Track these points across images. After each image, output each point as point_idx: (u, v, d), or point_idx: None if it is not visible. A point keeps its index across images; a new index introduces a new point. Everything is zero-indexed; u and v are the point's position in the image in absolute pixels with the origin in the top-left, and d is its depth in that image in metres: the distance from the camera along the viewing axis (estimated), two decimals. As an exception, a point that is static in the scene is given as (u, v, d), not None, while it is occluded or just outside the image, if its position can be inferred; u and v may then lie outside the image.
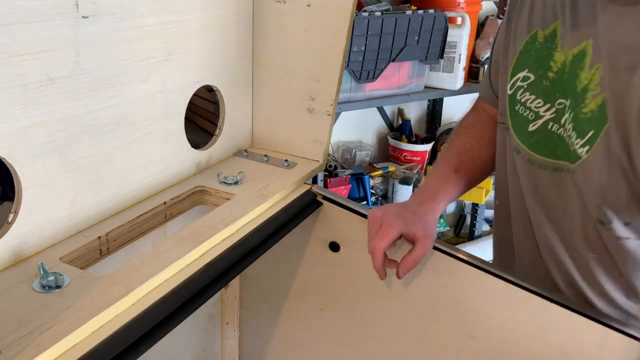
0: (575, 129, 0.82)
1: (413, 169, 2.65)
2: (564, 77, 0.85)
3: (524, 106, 0.91)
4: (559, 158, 0.86)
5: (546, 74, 0.88)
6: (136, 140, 0.85)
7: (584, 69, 0.81)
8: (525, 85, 0.90)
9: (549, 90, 0.87)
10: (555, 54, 0.86)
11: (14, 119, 0.66)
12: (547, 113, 0.88)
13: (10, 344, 0.56)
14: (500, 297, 0.89)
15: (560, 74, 0.86)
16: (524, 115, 0.91)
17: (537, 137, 0.89)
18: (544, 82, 0.88)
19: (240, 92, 1.06)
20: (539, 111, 0.89)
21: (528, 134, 0.90)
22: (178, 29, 0.87)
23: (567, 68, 0.84)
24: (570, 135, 0.83)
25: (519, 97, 0.91)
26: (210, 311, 1.21)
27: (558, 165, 0.86)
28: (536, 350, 0.87)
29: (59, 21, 0.68)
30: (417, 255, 0.89)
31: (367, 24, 2.03)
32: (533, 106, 0.89)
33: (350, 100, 2.20)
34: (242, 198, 0.91)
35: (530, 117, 0.90)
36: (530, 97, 0.90)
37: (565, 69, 0.84)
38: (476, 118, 1.09)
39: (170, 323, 0.67)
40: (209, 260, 0.76)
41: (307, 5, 0.97)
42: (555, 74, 0.87)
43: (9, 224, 0.69)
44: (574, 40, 0.83)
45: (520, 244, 0.99)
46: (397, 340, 1.03)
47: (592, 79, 0.80)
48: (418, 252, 0.89)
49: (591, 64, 0.81)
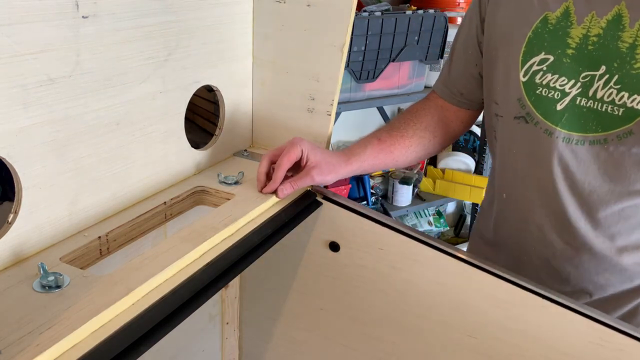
0: (627, 89, 0.89)
1: (413, 168, 2.65)
2: (587, 48, 0.91)
3: (547, 88, 0.95)
4: (591, 131, 0.93)
5: (565, 52, 0.93)
6: (136, 140, 0.85)
7: (624, 29, 0.89)
8: (545, 67, 0.95)
9: (570, 67, 0.93)
10: (571, 31, 0.92)
11: (14, 119, 0.66)
12: (574, 89, 0.93)
13: (10, 344, 0.56)
14: (500, 297, 0.89)
15: (581, 49, 0.92)
16: (549, 97, 0.95)
17: (567, 114, 0.94)
18: (564, 60, 0.93)
19: (240, 92, 1.06)
20: (564, 88, 0.94)
21: (557, 113, 0.95)
22: (178, 29, 0.87)
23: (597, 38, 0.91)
24: (613, 101, 0.90)
25: (539, 80, 0.95)
26: (210, 311, 1.21)
27: (593, 139, 0.93)
28: (536, 350, 0.87)
29: (59, 21, 0.68)
30: (300, 179, 0.93)
31: (367, 24, 2.03)
32: (557, 85, 0.94)
33: (350, 100, 2.20)
34: (242, 198, 0.91)
35: (557, 96, 0.94)
36: (553, 77, 0.94)
37: (587, 40, 0.91)
38: (423, 104, 1.14)
39: (170, 323, 0.66)
40: (209, 260, 0.76)
41: (307, 5, 0.97)
42: (575, 49, 0.92)
43: (9, 224, 0.69)
44: (603, 8, 0.90)
45: (535, 233, 1.01)
46: (397, 340, 1.03)
47: (638, 35, 0.88)
48: (303, 177, 0.93)
49: (632, 22, 0.88)
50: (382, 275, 0.99)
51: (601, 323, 0.81)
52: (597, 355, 0.82)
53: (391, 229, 0.95)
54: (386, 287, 1.00)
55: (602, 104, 0.92)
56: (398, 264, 0.97)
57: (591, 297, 1.03)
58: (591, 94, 0.92)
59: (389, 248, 0.97)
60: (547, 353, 0.87)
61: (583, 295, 1.03)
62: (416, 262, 0.95)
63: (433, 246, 0.92)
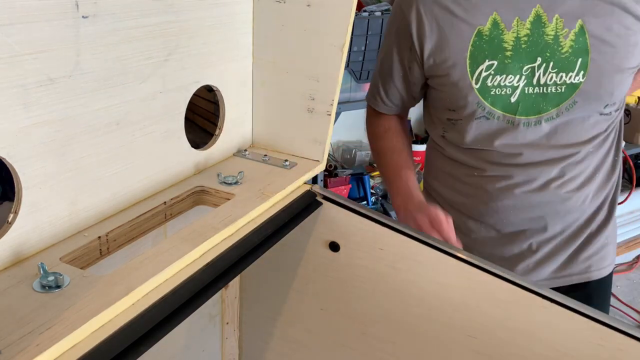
0: (562, 70, 1.12)
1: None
2: (521, 47, 1.12)
3: (499, 87, 1.14)
4: (544, 112, 1.15)
5: (505, 54, 1.13)
6: (136, 140, 0.85)
7: (546, 25, 1.11)
8: (492, 71, 1.13)
9: (512, 65, 1.13)
10: (504, 37, 1.12)
11: (14, 119, 0.66)
12: (521, 82, 1.14)
13: (10, 344, 0.56)
14: (500, 296, 0.89)
15: (516, 49, 1.12)
16: (503, 94, 1.14)
17: (521, 103, 1.15)
18: (506, 61, 1.13)
19: (240, 92, 1.06)
20: (512, 83, 1.14)
21: (513, 105, 1.15)
22: (178, 29, 0.87)
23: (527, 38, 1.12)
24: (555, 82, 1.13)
25: (491, 83, 1.14)
26: (210, 311, 1.21)
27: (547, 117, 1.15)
28: (536, 350, 0.87)
29: (59, 21, 0.68)
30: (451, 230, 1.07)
31: (367, 24, 2.03)
32: (507, 82, 1.14)
33: (350, 100, 2.20)
34: (242, 198, 0.91)
35: (509, 91, 1.14)
36: (501, 77, 1.14)
37: (519, 41, 1.12)
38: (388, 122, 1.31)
39: (170, 323, 0.67)
40: (209, 260, 0.76)
41: (307, 5, 0.97)
42: (512, 51, 1.12)
43: (9, 224, 0.69)
44: (524, 13, 1.11)
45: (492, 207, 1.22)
46: (397, 340, 1.03)
47: (557, 26, 1.11)
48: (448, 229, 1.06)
49: (550, 18, 1.11)
50: (382, 275, 0.99)
51: (601, 323, 0.81)
52: (597, 355, 0.82)
53: (391, 229, 0.95)
54: (386, 287, 1.00)
55: (546, 87, 1.13)
56: (398, 264, 0.97)
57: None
58: (535, 82, 1.13)
59: (389, 248, 0.97)
60: (547, 353, 0.87)
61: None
62: (416, 262, 0.95)
63: (433, 246, 0.92)
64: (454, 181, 1.27)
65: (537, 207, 1.20)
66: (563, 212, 1.21)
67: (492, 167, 1.20)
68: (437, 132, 1.27)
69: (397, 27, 1.20)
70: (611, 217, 1.28)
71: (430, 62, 1.17)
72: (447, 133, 1.24)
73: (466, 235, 1.25)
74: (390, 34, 1.24)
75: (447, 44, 1.14)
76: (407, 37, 1.18)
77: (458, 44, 1.13)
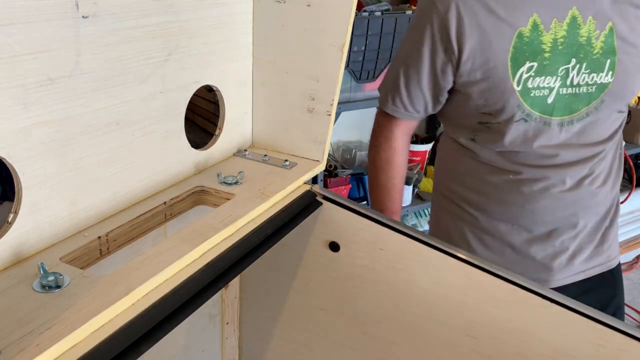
0: (594, 71, 1.16)
1: (413, 169, 2.65)
2: (558, 48, 1.15)
3: (537, 89, 1.15)
4: (575, 112, 1.18)
5: (543, 56, 1.14)
6: (136, 140, 0.85)
7: (580, 27, 1.14)
8: (533, 72, 1.14)
9: (550, 67, 1.15)
10: (543, 38, 1.14)
11: (14, 119, 0.66)
12: (556, 83, 1.16)
13: (10, 344, 0.56)
14: (500, 297, 0.89)
15: (554, 50, 1.14)
16: (540, 96, 1.16)
17: (556, 105, 1.17)
18: (544, 63, 1.14)
19: (240, 92, 1.06)
20: (550, 85, 1.16)
21: (549, 106, 1.17)
22: (178, 29, 0.87)
23: (563, 39, 1.14)
24: (587, 83, 1.17)
25: (531, 85, 1.15)
26: (210, 311, 1.21)
27: (578, 117, 1.19)
28: (536, 350, 0.87)
29: (59, 21, 0.68)
30: None
31: (367, 24, 2.03)
32: (545, 84, 1.16)
33: (350, 100, 2.20)
34: (242, 198, 0.91)
35: (546, 93, 1.16)
36: (540, 79, 1.15)
37: (556, 42, 1.14)
38: (394, 146, 1.30)
39: (170, 323, 0.66)
40: (209, 260, 0.76)
41: (307, 5, 0.97)
42: (550, 52, 1.14)
43: (9, 224, 0.69)
44: (561, 14, 1.14)
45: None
46: (397, 340, 1.03)
47: (590, 28, 1.14)
48: None
49: (584, 20, 1.14)
50: (382, 275, 0.99)
51: (601, 323, 0.81)
52: (597, 355, 0.82)
53: (391, 229, 0.95)
54: (386, 287, 1.00)
55: (579, 88, 1.17)
56: (398, 264, 0.97)
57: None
58: (569, 82, 1.16)
59: (389, 248, 0.97)
60: (547, 353, 0.87)
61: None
62: (416, 262, 0.95)
63: (433, 246, 0.92)
64: (484, 185, 1.26)
65: (571, 205, 1.22)
66: (592, 207, 1.25)
67: (528, 169, 1.21)
68: (464, 136, 1.25)
69: (431, 26, 1.16)
70: (618, 208, 1.35)
71: (467, 65, 1.14)
72: (479, 136, 1.22)
73: (496, 239, 1.25)
74: (420, 34, 1.18)
75: (488, 45, 1.12)
76: (444, 37, 1.14)
77: (500, 45, 1.12)
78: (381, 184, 1.32)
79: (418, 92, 1.22)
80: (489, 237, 1.24)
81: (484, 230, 1.23)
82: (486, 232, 1.23)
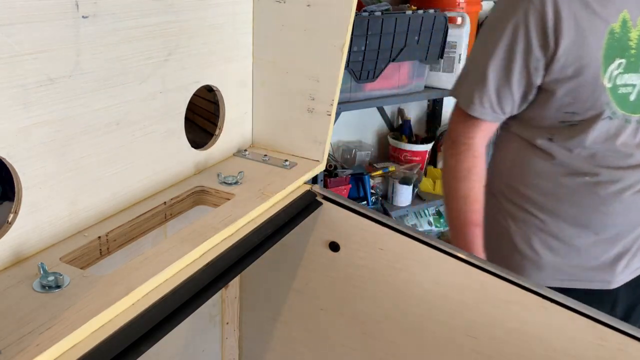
0: None
1: (413, 168, 2.66)
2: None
3: (624, 86, 1.15)
4: None
5: (630, 52, 1.13)
6: (136, 140, 0.85)
7: None
8: (622, 69, 1.13)
9: (635, 63, 1.14)
10: (631, 34, 1.12)
11: (14, 119, 0.66)
12: (638, 81, 1.15)
13: (10, 344, 0.56)
14: (500, 296, 0.89)
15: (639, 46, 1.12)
16: (625, 93, 1.15)
17: (637, 102, 1.16)
18: (631, 60, 1.14)
19: (240, 92, 1.06)
20: (633, 82, 1.15)
21: (631, 103, 1.16)
22: (178, 29, 0.87)
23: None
24: None
25: (619, 82, 1.14)
26: (210, 311, 1.21)
27: None
28: (536, 350, 0.87)
29: (59, 21, 0.68)
30: None
31: (367, 24, 2.03)
32: (630, 82, 1.15)
33: (350, 100, 2.20)
34: (242, 198, 0.91)
35: (629, 90, 1.16)
36: (627, 76, 1.14)
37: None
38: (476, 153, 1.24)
39: (170, 323, 0.66)
40: (209, 260, 0.76)
41: (307, 5, 0.97)
42: (636, 48, 1.13)
43: (9, 224, 0.69)
44: None
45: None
46: (397, 340, 1.03)
47: None
48: None
49: None
50: (382, 275, 0.99)
51: (601, 323, 0.81)
52: (597, 355, 0.82)
53: (391, 229, 0.95)
54: (386, 287, 1.00)
55: None
56: (398, 264, 0.97)
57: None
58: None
59: (389, 248, 0.97)
60: (547, 353, 0.87)
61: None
62: (416, 262, 0.95)
63: (433, 246, 0.92)
64: (558, 187, 1.24)
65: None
66: None
67: (605, 171, 1.19)
68: (541, 137, 1.22)
69: (525, 21, 1.12)
70: None
71: (560, 61, 1.11)
72: (557, 136, 1.19)
73: (562, 242, 1.24)
74: (511, 29, 1.14)
75: (583, 41, 1.10)
76: (541, 33, 1.11)
77: (594, 42, 1.10)
78: (461, 195, 1.26)
79: (507, 92, 1.17)
80: (555, 240, 1.22)
81: (551, 234, 1.21)
82: (552, 236, 1.21)
